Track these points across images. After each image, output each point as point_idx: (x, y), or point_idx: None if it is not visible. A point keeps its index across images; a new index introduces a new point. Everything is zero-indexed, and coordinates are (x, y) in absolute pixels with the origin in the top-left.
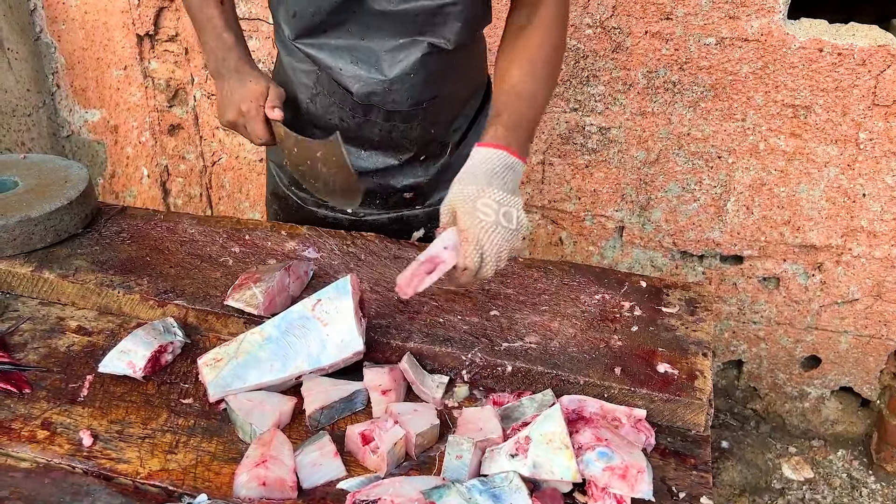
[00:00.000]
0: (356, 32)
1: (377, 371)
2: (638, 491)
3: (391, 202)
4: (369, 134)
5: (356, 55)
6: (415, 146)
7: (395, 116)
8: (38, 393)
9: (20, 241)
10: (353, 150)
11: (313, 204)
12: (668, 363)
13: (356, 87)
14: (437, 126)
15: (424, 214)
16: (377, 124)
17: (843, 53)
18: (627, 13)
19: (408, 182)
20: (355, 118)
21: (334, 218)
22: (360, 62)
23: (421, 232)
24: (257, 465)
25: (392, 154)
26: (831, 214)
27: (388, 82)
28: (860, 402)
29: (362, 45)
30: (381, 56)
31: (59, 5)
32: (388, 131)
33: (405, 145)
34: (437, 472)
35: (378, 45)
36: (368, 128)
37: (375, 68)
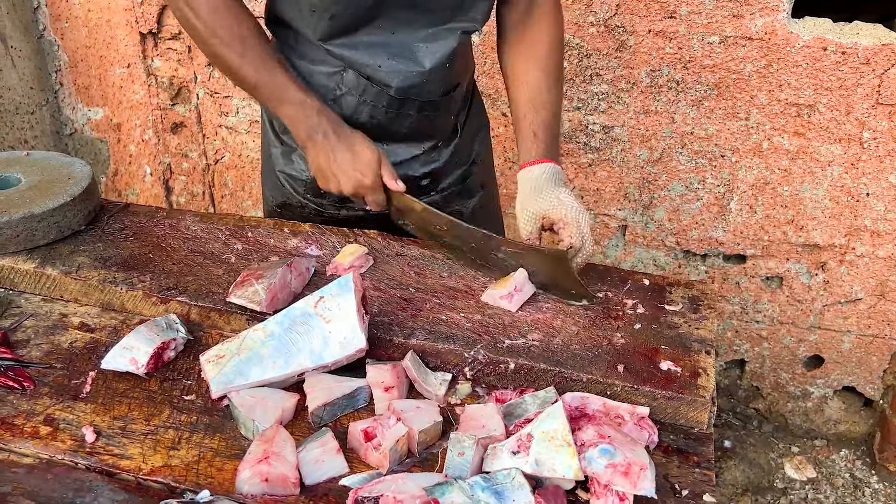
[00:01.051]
0: (387, 27)
1: (379, 368)
2: (640, 488)
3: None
4: (398, 127)
5: (391, 50)
6: (439, 133)
7: (428, 107)
8: (40, 389)
9: (23, 238)
10: (380, 145)
11: (332, 208)
12: (671, 361)
13: (396, 82)
14: (454, 111)
15: (441, 199)
16: (409, 117)
17: (847, 52)
18: (631, 12)
19: (425, 169)
20: (388, 113)
21: (356, 217)
22: (396, 57)
23: None
24: (260, 461)
25: (416, 144)
26: (835, 214)
27: (427, 73)
28: (863, 402)
29: (394, 40)
30: (414, 48)
31: (63, 3)
32: (418, 122)
33: (431, 133)
34: (439, 468)
35: (409, 38)
36: (399, 121)
37: (413, 61)
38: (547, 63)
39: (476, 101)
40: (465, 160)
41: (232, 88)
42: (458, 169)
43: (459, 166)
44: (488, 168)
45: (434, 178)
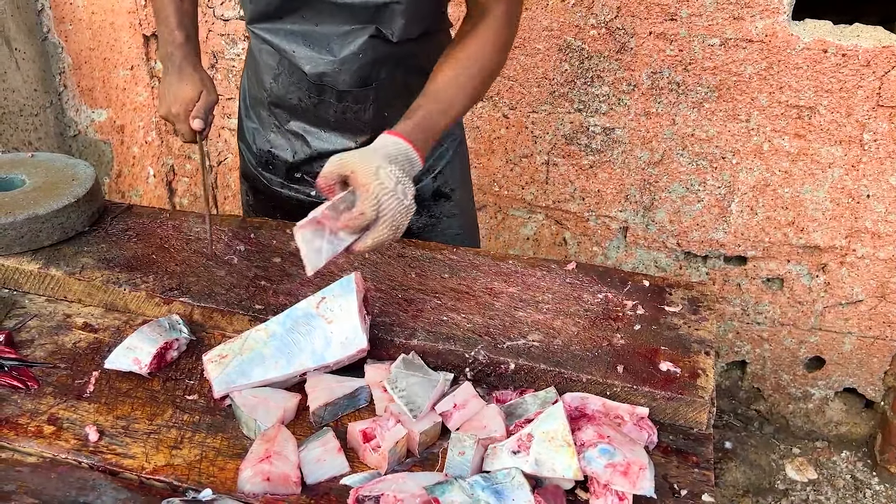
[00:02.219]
0: (310, 18)
1: (378, 368)
2: (639, 488)
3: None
4: (325, 114)
5: (309, 39)
6: (369, 129)
7: (347, 97)
8: (44, 389)
9: (28, 239)
10: (314, 129)
11: (278, 185)
12: (671, 361)
13: (308, 68)
14: (391, 111)
15: None
16: (331, 104)
17: (848, 54)
18: (632, 14)
19: None
20: (311, 98)
21: (297, 199)
22: (312, 45)
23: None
24: (261, 460)
25: (349, 136)
26: (835, 215)
27: (338, 62)
28: (864, 404)
29: (316, 31)
30: (332, 39)
31: (67, 6)
32: (342, 112)
33: (360, 127)
34: (439, 468)
35: (330, 31)
36: (324, 108)
37: (327, 50)
38: (466, 64)
39: None
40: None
41: (234, 91)
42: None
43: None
44: (455, 179)
45: None
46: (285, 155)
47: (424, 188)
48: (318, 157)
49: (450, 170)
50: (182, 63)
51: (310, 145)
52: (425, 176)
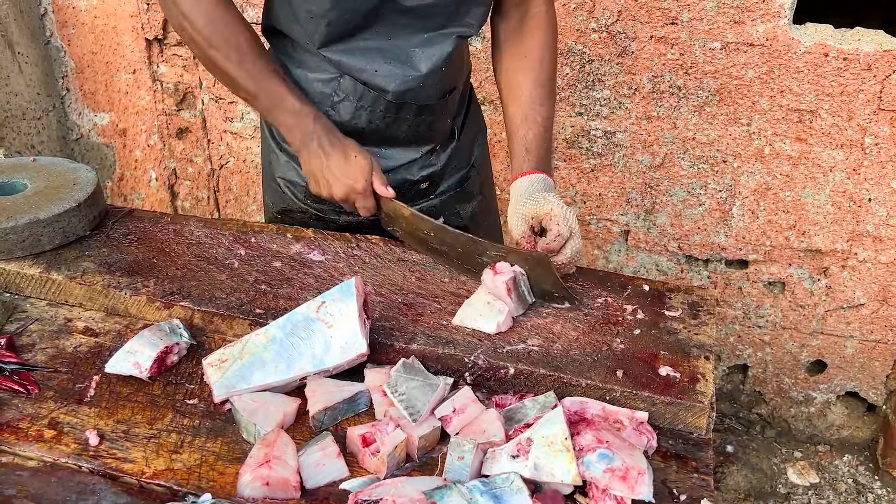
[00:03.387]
0: (383, 33)
1: (378, 372)
2: (638, 493)
3: (409, 195)
4: (397, 132)
5: (388, 55)
6: (437, 137)
7: (426, 111)
8: (45, 393)
9: (29, 243)
10: (376, 149)
11: (333, 213)
12: (670, 366)
13: (392, 86)
14: (451, 115)
15: (440, 203)
16: (407, 121)
17: (849, 58)
18: (633, 18)
19: (424, 173)
20: (386, 118)
21: (357, 222)
22: (392, 61)
23: (440, 220)
24: (261, 465)
25: (415, 148)
26: (837, 219)
27: (423, 77)
28: (866, 407)
29: (390, 45)
30: (411, 52)
31: (69, 10)
32: (416, 126)
33: (430, 137)
34: (438, 472)
35: (406, 43)
36: (397, 125)
37: (409, 65)
38: (539, 75)
39: (473, 104)
40: (463, 164)
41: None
42: (457, 172)
43: (458, 170)
44: (487, 172)
45: (432, 181)
46: None
47: (472, 181)
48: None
49: (474, 173)
50: (331, 138)
51: None
52: (470, 170)
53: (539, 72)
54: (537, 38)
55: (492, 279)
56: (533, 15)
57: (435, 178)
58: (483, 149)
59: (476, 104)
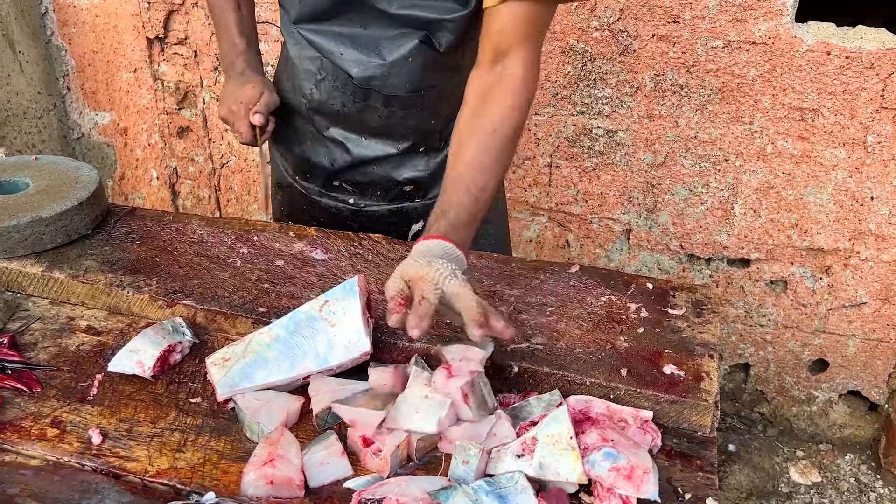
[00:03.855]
0: (358, 21)
1: (381, 371)
2: (643, 491)
3: (392, 194)
4: (369, 120)
5: (357, 41)
6: (413, 135)
7: (394, 102)
8: (48, 391)
9: (31, 242)
10: (354, 136)
11: (316, 194)
12: (675, 365)
13: (356, 71)
14: (436, 117)
15: (423, 207)
16: (377, 109)
17: (852, 56)
18: (635, 16)
19: (409, 175)
20: (356, 103)
21: (336, 208)
22: (360, 47)
23: (420, 224)
24: (265, 463)
25: (391, 142)
26: (839, 218)
27: (388, 66)
28: (868, 406)
29: (363, 34)
30: (381, 42)
31: (70, 9)
32: (386, 117)
33: (403, 133)
34: (442, 472)
35: (379, 34)
36: (368, 113)
37: (375, 53)
38: (490, 141)
39: None
40: None
41: None
42: None
43: None
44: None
45: (418, 186)
46: (324, 163)
47: None
48: (358, 164)
49: None
50: (244, 68)
51: (350, 152)
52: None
53: (490, 137)
54: (500, 103)
55: (444, 383)
56: (506, 76)
57: (421, 184)
58: None
59: None
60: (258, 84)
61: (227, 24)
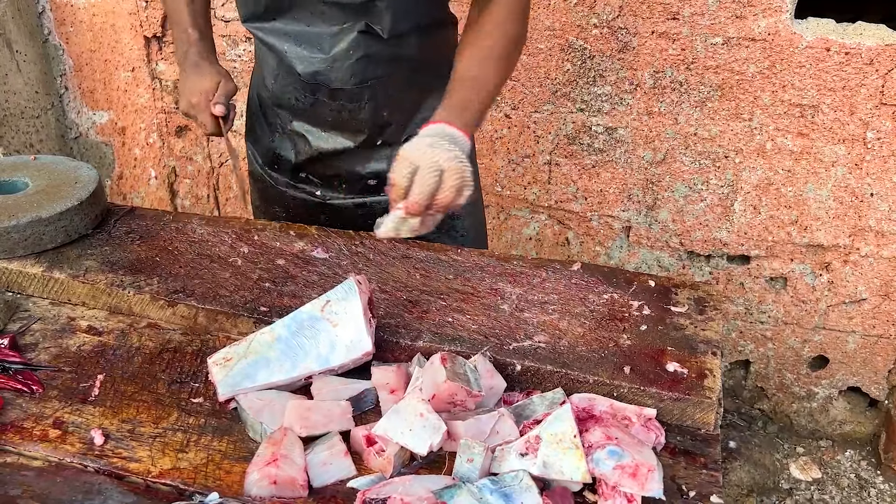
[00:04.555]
0: (301, 19)
1: (385, 370)
2: (648, 489)
3: (357, 188)
4: (321, 113)
5: (300, 38)
6: (366, 128)
7: (341, 95)
8: (49, 392)
9: (31, 242)
10: (313, 129)
11: (283, 185)
12: (678, 362)
13: (301, 67)
14: (389, 109)
15: (388, 202)
16: (326, 104)
17: (851, 53)
18: (634, 13)
19: (372, 169)
20: (306, 97)
21: (302, 200)
22: (304, 44)
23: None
24: (268, 463)
25: (347, 135)
26: (839, 214)
27: (330, 60)
28: (868, 403)
29: (307, 31)
30: (323, 38)
31: (67, 8)
32: (337, 111)
33: (357, 126)
34: (446, 471)
35: (322, 30)
36: (319, 107)
37: (318, 48)
38: (483, 41)
39: None
40: None
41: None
42: None
43: None
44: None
45: (383, 181)
46: (289, 155)
47: None
48: (320, 156)
49: None
50: (198, 59)
51: (311, 145)
52: None
53: (483, 39)
54: (491, 14)
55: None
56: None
57: (385, 178)
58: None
59: None
60: (214, 74)
61: (180, 13)
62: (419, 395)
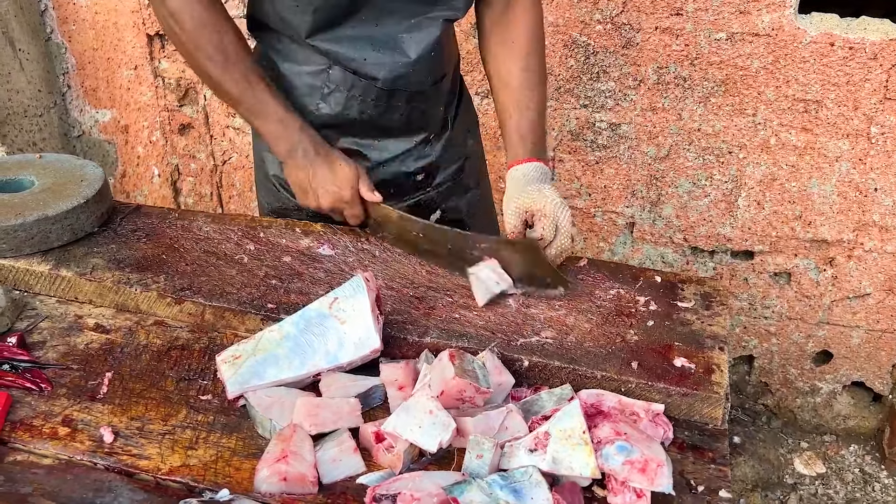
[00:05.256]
0: (370, 19)
1: (393, 367)
2: (658, 484)
3: (405, 188)
4: (389, 121)
5: (376, 42)
6: (429, 125)
7: (418, 97)
8: (58, 390)
9: (38, 240)
10: (367, 142)
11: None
12: (685, 357)
13: (382, 74)
14: (443, 102)
15: (437, 195)
16: (399, 108)
17: (855, 47)
18: (637, 9)
19: (419, 164)
20: (378, 107)
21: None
22: (381, 48)
23: (437, 213)
24: (278, 460)
25: (408, 138)
26: (843, 209)
27: (413, 63)
28: (872, 397)
29: (378, 31)
30: (399, 39)
31: (70, 6)
32: (408, 114)
33: (421, 125)
34: (455, 466)
35: (393, 29)
36: (390, 114)
37: (398, 51)
38: (528, 61)
39: (465, 95)
40: (458, 155)
41: None
42: (453, 164)
43: (453, 161)
44: (481, 164)
45: (428, 173)
46: None
47: (468, 173)
48: (373, 167)
49: (469, 165)
50: (318, 148)
51: (368, 157)
52: (465, 161)
53: (528, 58)
54: (523, 24)
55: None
56: (516, 7)
57: (430, 170)
58: (476, 140)
59: (467, 96)
60: (347, 161)
61: (265, 102)
62: (428, 392)
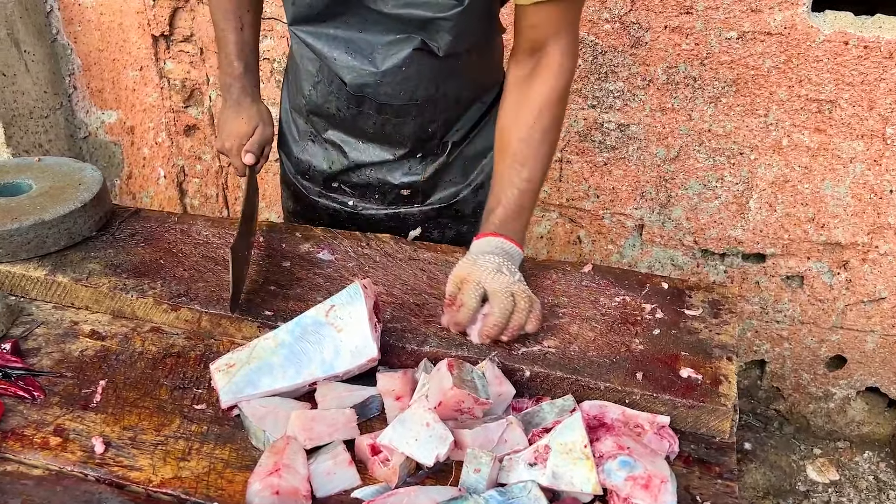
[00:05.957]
0: (354, 24)
1: (390, 376)
2: (661, 501)
3: (389, 198)
4: (363, 126)
5: (351, 46)
6: (409, 142)
7: (387, 110)
8: (51, 399)
9: (34, 245)
10: (351, 140)
11: (315, 194)
12: (692, 368)
13: (349, 78)
14: (434, 125)
15: (421, 213)
16: (371, 116)
17: (870, 46)
18: (646, 8)
19: (406, 180)
20: (350, 109)
21: (333, 209)
22: (354, 53)
23: (417, 231)
24: (270, 473)
25: (387, 148)
26: (857, 211)
27: (380, 74)
28: (887, 403)
29: (359, 38)
30: (375, 49)
31: (75, 7)
32: (381, 124)
33: (399, 140)
34: (452, 481)
35: (374, 39)
36: (363, 119)
37: (369, 60)
38: (530, 133)
39: (489, 126)
40: (458, 181)
41: None
42: (449, 188)
43: (451, 186)
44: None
45: (416, 191)
46: (322, 165)
47: (465, 201)
48: (354, 167)
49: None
50: (240, 96)
51: (347, 156)
52: (465, 189)
53: (530, 129)
54: (539, 92)
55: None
56: (546, 65)
57: (418, 189)
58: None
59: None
60: (253, 116)
61: (227, 44)
62: (425, 403)
